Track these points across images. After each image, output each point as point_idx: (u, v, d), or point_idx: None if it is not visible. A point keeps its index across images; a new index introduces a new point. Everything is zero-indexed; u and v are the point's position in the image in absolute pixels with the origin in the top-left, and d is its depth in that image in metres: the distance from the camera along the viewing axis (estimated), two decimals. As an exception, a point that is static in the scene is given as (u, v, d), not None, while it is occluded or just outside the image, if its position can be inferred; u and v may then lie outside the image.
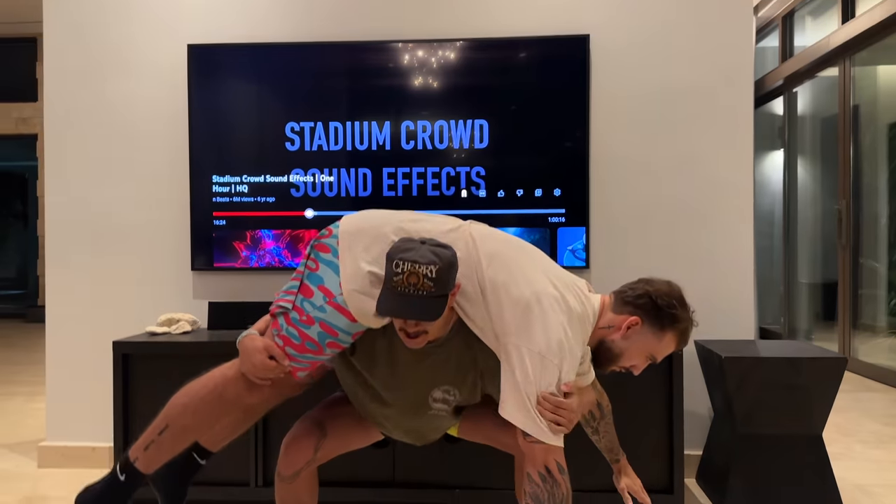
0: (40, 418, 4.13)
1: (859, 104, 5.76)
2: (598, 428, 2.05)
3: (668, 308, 1.73)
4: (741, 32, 3.06)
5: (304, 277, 1.75)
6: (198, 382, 1.81)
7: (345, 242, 1.72)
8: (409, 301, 1.55)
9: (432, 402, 1.82)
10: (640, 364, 1.79)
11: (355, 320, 1.69)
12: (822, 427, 2.64)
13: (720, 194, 3.06)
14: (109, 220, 3.21)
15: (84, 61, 3.22)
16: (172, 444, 1.81)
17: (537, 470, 1.62)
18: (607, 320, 1.76)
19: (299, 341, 1.71)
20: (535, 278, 1.66)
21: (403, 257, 1.56)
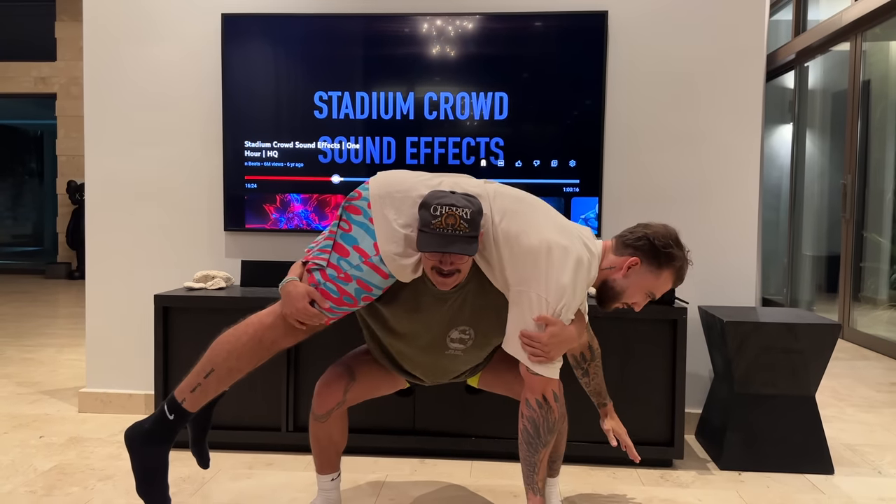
0: (73, 368, 4.37)
1: (870, 80, 5.84)
2: (588, 370, 2.24)
3: (664, 248, 1.91)
4: (754, 9, 3.17)
5: (336, 237, 1.91)
6: (238, 329, 1.97)
7: (376, 206, 1.88)
8: (449, 239, 1.74)
9: (449, 342, 1.99)
10: (641, 300, 1.97)
11: (387, 277, 1.88)
12: (815, 388, 2.82)
13: (729, 167, 3.21)
14: (146, 182, 3.38)
15: (122, 29, 3.36)
16: (217, 385, 1.97)
17: (535, 398, 1.85)
18: (609, 262, 1.94)
19: (337, 295, 1.88)
20: (545, 230, 1.84)
21: (441, 202, 1.76)
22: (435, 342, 2.00)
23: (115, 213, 3.40)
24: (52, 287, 8.71)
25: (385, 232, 1.86)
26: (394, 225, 1.86)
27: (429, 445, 2.86)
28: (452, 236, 1.74)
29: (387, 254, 1.85)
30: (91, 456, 2.85)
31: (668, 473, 2.76)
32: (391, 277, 1.89)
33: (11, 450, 2.90)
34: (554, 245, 1.81)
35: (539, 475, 1.85)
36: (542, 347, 1.79)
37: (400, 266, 1.86)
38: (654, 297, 1.98)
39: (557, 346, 1.81)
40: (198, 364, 1.97)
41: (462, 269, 1.82)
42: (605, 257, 1.96)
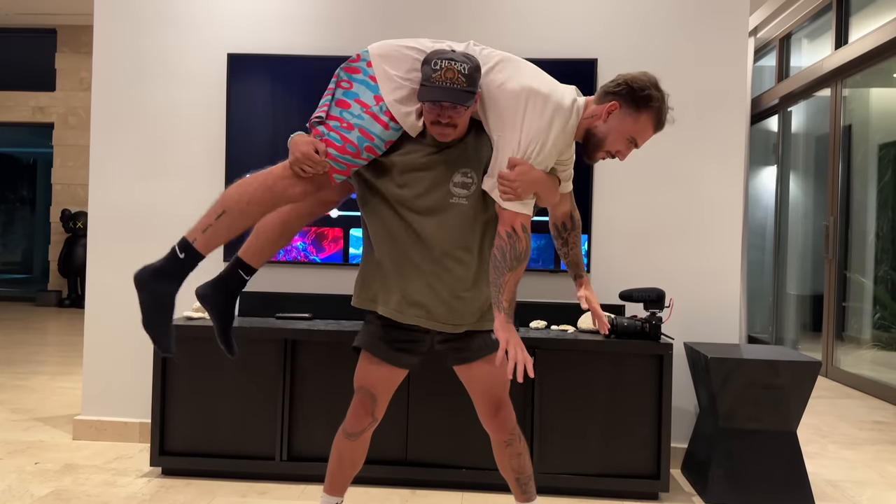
0: (66, 395, 4.39)
1: (852, 124, 6.04)
2: (568, 239, 2.30)
3: (641, 90, 1.95)
4: (736, 57, 3.32)
5: (336, 95, 2.02)
6: (250, 177, 2.03)
7: (377, 63, 2.01)
8: (447, 90, 1.86)
9: (453, 186, 2.03)
10: (623, 148, 2.01)
11: (388, 128, 1.98)
12: (796, 424, 2.91)
13: (712, 210, 3.33)
14: (149, 213, 3.46)
15: (131, 65, 3.48)
16: (228, 228, 1.99)
17: (505, 229, 1.94)
18: (591, 111, 2.01)
19: (340, 143, 1.96)
20: (526, 79, 1.96)
21: (441, 57, 1.89)
22: (441, 190, 2.03)
23: (117, 242, 3.48)
24: (43, 315, 8.70)
25: (388, 84, 1.98)
26: (395, 77, 1.98)
27: (420, 476, 2.91)
28: (450, 89, 1.86)
29: (390, 102, 1.96)
30: (87, 483, 2.88)
31: (654, 506, 2.83)
32: (392, 129, 1.98)
33: (7, 476, 2.93)
34: (532, 91, 1.92)
35: (504, 295, 1.91)
36: (510, 185, 1.89)
37: (404, 114, 1.96)
38: (637, 145, 2.01)
39: (524, 185, 1.90)
40: (210, 207, 2.01)
41: (459, 123, 1.93)
42: (587, 108, 2.02)
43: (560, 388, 2.92)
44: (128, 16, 3.48)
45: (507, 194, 1.92)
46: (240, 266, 2.14)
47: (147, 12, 3.48)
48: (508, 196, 1.92)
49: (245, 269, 2.15)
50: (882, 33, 5.09)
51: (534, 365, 2.87)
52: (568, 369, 2.92)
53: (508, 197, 1.92)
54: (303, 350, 2.98)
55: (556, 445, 2.92)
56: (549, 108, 1.91)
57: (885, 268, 5.77)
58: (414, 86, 1.97)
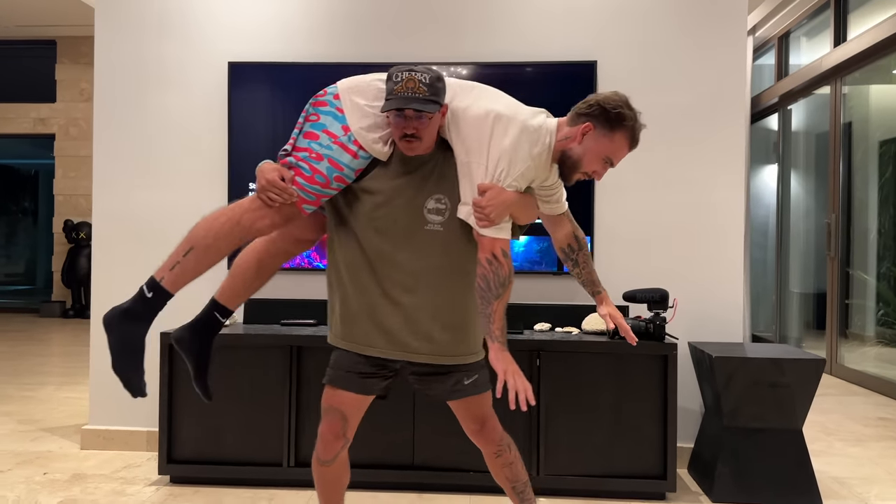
0: (72, 405, 4.41)
1: (852, 121, 6.05)
2: (578, 259, 2.29)
3: (614, 110, 1.96)
4: (736, 58, 3.34)
5: (304, 128, 2.01)
6: (217, 211, 2.01)
7: (345, 96, 2.01)
8: (409, 99, 1.87)
9: (427, 213, 2.01)
10: (599, 168, 2.00)
11: (357, 157, 1.97)
12: (802, 422, 2.91)
13: (714, 210, 3.34)
14: (152, 221, 3.48)
15: (132, 74, 3.50)
16: (196, 264, 1.97)
17: (486, 256, 1.93)
18: (564, 133, 2.00)
19: (309, 173, 1.95)
20: (491, 103, 1.96)
21: (402, 69, 1.91)
22: (413, 214, 2.01)
23: (121, 251, 3.50)
24: (47, 326, 8.73)
25: (355, 113, 1.98)
26: (363, 106, 1.99)
27: (427, 480, 2.92)
28: (412, 98, 1.87)
29: (358, 130, 1.96)
30: (95, 492, 2.90)
31: (661, 506, 2.83)
32: (360, 158, 1.97)
33: (16, 486, 2.95)
34: (496, 114, 1.92)
35: (494, 325, 1.91)
36: (483, 211, 1.89)
37: (371, 140, 1.96)
38: (613, 164, 2.02)
39: (497, 209, 1.89)
40: (178, 245, 1.98)
41: (424, 135, 1.92)
42: (561, 131, 2.01)
43: (565, 389, 2.93)
44: (128, 25, 3.50)
45: (481, 221, 1.91)
46: (216, 308, 2.12)
47: (147, 22, 3.50)
48: (483, 223, 1.92)
49: (221, 311, 2.13)
50: (880, 30, 5.10)
51: (538, 367, 2.90)
52: (572, 371, 2.93)
53: (484, 224, 1.92)
54: (308, 356, 2.99)
55: (561, 447, 2.92)
56: (514, 128, 1.92)
57: (888, 264, 5.77)
58: (381, 114, 1.97)
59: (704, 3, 3.35)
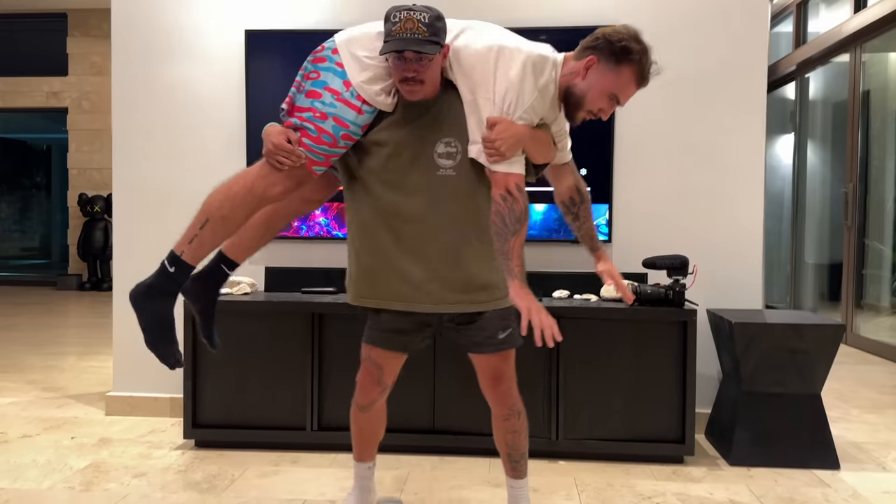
0: (95, 374, 4.48)
1: (870, 90, 5.98)
2: (579, 213, 2.24)
3: (619, 42, 1.87)
4: (756, 26, 3.30)
5: (305, 86, 1.99)
6: (230, 180, 2.01)
7: (343, 49, 1.97)
8: (408, 40, 1.83)
9: (438, 158, 1.97)
10: (605, 106, 1.93)
11: (361, 112, 1.94)
12: (821, 387, 2.93)
13: (733, 177, 3.33)
14: (172, 191, 3.50)
15: (149, 45, 3.50)
16: (213, 235, 1.99)
17: (499, 192, 1.88)
18: (569, 68, 1.95)
19: (315, 133, 1.93)
20: (495, 37, 1.93)
21: (400, 9, 1.86)
22: (424, 159, 1.98)
23: (143, 221, 3.53)
24: (65, 298, 8.82)
25: (355, 65, 1.94)
26: (362, 58, 1.95)
27: (448, 444, 2.97)
28: (411, 39, 1.82)
29: (359, 84, 1.92)
30: (123, 455, 2.96)
31: (679, 469, 2.87)
32: (366, 113, 1.94)
33: (46, 450, 3.01)
34: (500, 47, 1.87)
35: (513, 261, 1.87)
36: (493, 145, 1.85)
37: (374, 93, 1.93)
38: (620, 102, 1.94)
39: (507, 143, 1.84)
40: (194, 217, 2.00)
41: (426, 77, 1.88)
42: (566, 65, 1.96)
43: (584, 355, 2.95)
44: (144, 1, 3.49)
45: (492, 156, 1.86)
46: (223, 261, 2.15)
47: (164, -9, 3.49)
48: (494, 157, 1.86)
49: (228, 263, 2.16)
50: (902, -5, 5.02)
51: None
52: (592, 337, 2.95)
53: (494, 158, 1.86)
54: (329, 323, 3.03)
55: (581, 412, 2.96)
56: (519, 59, 1.86)
57: (905, 234, 5.75)
58: (382, 64, 1.93)
59: (726, -33, 3.30)
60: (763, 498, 2.58)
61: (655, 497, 2.58)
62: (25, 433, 3.24)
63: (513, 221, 1.86)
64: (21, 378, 4.35)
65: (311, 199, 2.20)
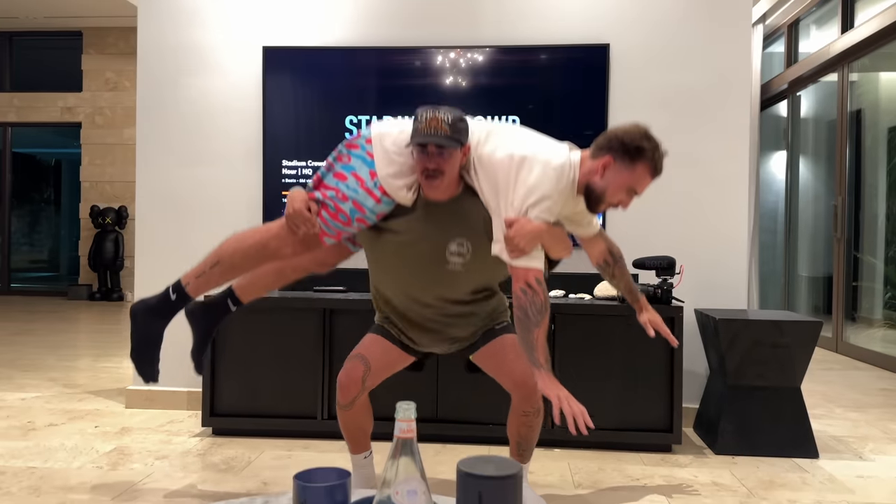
0: (113, 373, 4.67)
1: (863, 108, 6.20)
2: (614, 273, 2.44)
3: (632, 143, 2.04)
4: (740, 41, 3.53)
5: (335, 167, 2.17)
6: (248, 232, 2.22)
7: (376, 141, 2.17)
8: (432, 135, 2.02)
9: (449, 255, 2.18)
10: (625, 198, 2.09)
11: (380, 202, 2.14)
12: (800, 380, 3.12)
13: (719, 186, 3.54)
14: (191, 198, 3.72)
15: (172, 62, 3.74)
16: (220, 277, 2.22)
17: (520, 286, 2.05)
18: (587, 167, 2.12)
19: (333, 210, 2.13)
20: (515, 145, 2.09)
21: (426, 109, 2.07)
22: (435, 255, 2.18)
23: (163, 226, 3.74)
24: (75, 307, 9.03)
25: (383, 158, 2.13)
26: (391, 153, 2.14)
27: (451, 432, 3.15)
28: (434, 134, 2.02)
29: (384, 176, 2.11)
30: (145, 441, 3.15)
31: (667, 457, 3.05)
32: (384, 203, 2.14)
33: (72, 436, 3.21)
34: (519, 157, 2.04)
35: (538, 352, 1.99)
36: (512, 242, 2.00)
37: (395, 186, 2.12)
38: (637, 193, 2.09)
39: (526, 239, 1.99)
40: (207, 256, 2.23)
41: (446, 170, 2.07)
42: (584, 164, 2.12)
43: (578, 349, 3.14)
44: (168, 14, 3.74)
45: (513, 252, 2.00)
46: (231, 297, 2.37)
47: (186, 10, 3.73)
48: (515, 253, 2.00)
49: (234, 300, 2.38)
50: (886, 16, 5.26)
51: (553, 328, 3.11)
52: (585, 332, 3.14)
53: (515, 254, 2.00)
54: (340, 318, 3.23)
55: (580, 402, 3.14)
56: (538, 166, 2.02)
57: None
58: (407, 160, 2.12)
59: (712, -11, 3.54)
60: (744, 480, 2.76)
61: (643, 479, 2.77)
62: (51, 422, 3.44)
63: (535, 313, 2.02)
64: (42, 376, 4.55)
65: (324, 262, 2.41)
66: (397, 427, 0.96)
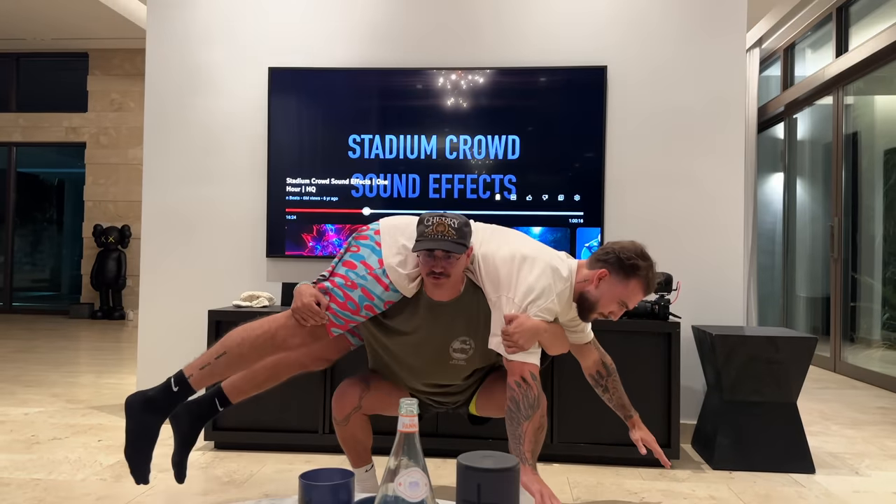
0: (115, 389, 4.70)
1: (858, 131, 6.29)
2: (608, 385, 2.50)
3: (628, 260, 2.16)
4: (735, 64, 3.61)
5: (345, 257, 2.25)
6: (254, 323, 2.21)
7: (385, 232, 2.25)
8: (439, 241, 2.10)
9: (453, 352, 2.28)
10: (615, 309, 2.19)
11: (388, 289, 2.18)
12: (796, 395, 3.15)
13: (714, 204, 3.61)
14: (197, 215, 3.79)
15: (179, 82, 3.82)
16: (225, 368, 2.16)
17: (514, 379, 2.11)
18: (583, 276, 2.22)
19: (343, 300, 2.16)
20: (515, 246, 2.20)
21: (433, 215, 2.15)
22: (439, 353, 2.28)
23: (168, 243, 3.80)
24: (77, 325, 9.06)
25: (391, 248, 2.21)
26: (398, 243, 2.22)
27: (451, 447, 3.18)
28: (441, 239, 2.10)
29: (390, 266, 2.18)
30: (148, 454, 3.18)
31: (665, 472, 3.08)
32: (392, 291, 2.19)
33: (76, 449, 3.24)
34: (521, 255, 2.16)
35: (525, 446, 2.06)
36: (510, 338, 2.08)
37: (400, 276, 2.18)
38: (628, 307, 2.20)
39: (524, 335, 2.07)
40: (211, 347, 2.18)
41: (451, 273, 2.14)
42: (580, 272, 2.24)
43: (577, 364, 3.18)
44: (176, 36, 3.83)
45: (510, 347, 2.09)
46: (218, 396, 2.33)
47: (193, 32, 3.82)
48: (512, 349, 2.08)
49: (222, 400, 2.33)
50: (880, 40, 5.36)
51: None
52: (584, 348, 3.18)
53: (512, 350, 2.08)
54: (342, 333, 3.27)
55: (573, 417, 3.18)
56: (539, 267, 2.13)
57: (893, 269, 5.98)
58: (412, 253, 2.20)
59: (707, 13, 3.63)
60: (741, 495, 2.79)
61: (642, 493, 2.80)
62: (55, 436, 3.47)
63: (526, 407, 2.09)
64: (45, 391, 4.58)
65: (321, 358, 2.44)
66: (400, 422, 1.00)
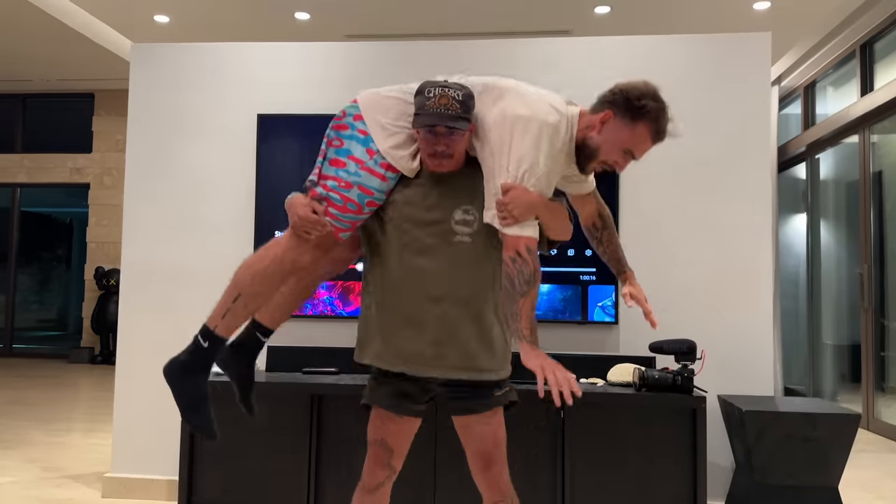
0: (98, 452, 4.42)
1: (883, 170, 5.98)
2: (602, 238, 2.22)
3: (637, 100, 1.87)
4: (760, 107, 3.34)
5: (329, 155, 1.99)
6: (260, 253, 2.02)
7: (368, 115, 1.99)
8: (442, 115, 1.85)
9: (454, 224, 1.97)
10: (620, 159, 1.92)
11: (385, 179, 1.96)
12: (838, 480, 2.81)
13: (741, 260, 3.30)
14: (179, 267, 3.53)
15: (164, 125, 3.60)
16: (245, 309, 2.01)
17: (509, 254, 1.86)
18: (585, 121, 1.93)
19: (341, 203, 1.94)
20: (508, 105, 1.91)
21: (434, 85, 1.89)
22: (440, 225, 1.99)
23: (148, 297, 3.54)
24: (76, 371, 8.82)
25: (380, 133, 1.96)
26: (387, 125, 1.97)
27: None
28: (445, 114, 1.85)
29: (386, 150, 1.94)
30: (114, 541, 2.88)
31: (691, 566, 2.73)
32: (389, 179, 1.96)
33: (36, 534, 2.94)
34: (515, 116, 1.87)
35: (522, 323, 1.82)
36: (505, 209, 1.84)
37: (400, 157, 1.95)
38: (635, 157, 1.93)
39: (520, 208, 1.84)
40: (225, 291, 2.01)
41: (455, 151, 1.91)
42: (582, 119, 1.95)
43: (590, 444, 2.86)
44: (161, 78, 3.62)
45: (505, 219, 1.87)
46: (257, 328, 2.15)
47: (179, 75, 3.61)
48: (507, 221, 1.87)
49: (262, 331, 2.16)
50: (907, 80, 5.08)
51: (563, 419, 2.84)
52: (598, 424, 2.87)
53: (507, 222, 1.87)
54: (329, 405, 2.98)
55: (588, 502, 2.85)
56: (534, 127, 1.87)
57: (924, 316, 5.63)
58: (407, 130, 1.97)
59: (730, 53, 3.37)
60: None
61: None
62: (19, 515, 3.18)
63: (521, 283, 1.85)
64: (22, 456, 4.30)
65: (342, 259, 2.20)
66: None
